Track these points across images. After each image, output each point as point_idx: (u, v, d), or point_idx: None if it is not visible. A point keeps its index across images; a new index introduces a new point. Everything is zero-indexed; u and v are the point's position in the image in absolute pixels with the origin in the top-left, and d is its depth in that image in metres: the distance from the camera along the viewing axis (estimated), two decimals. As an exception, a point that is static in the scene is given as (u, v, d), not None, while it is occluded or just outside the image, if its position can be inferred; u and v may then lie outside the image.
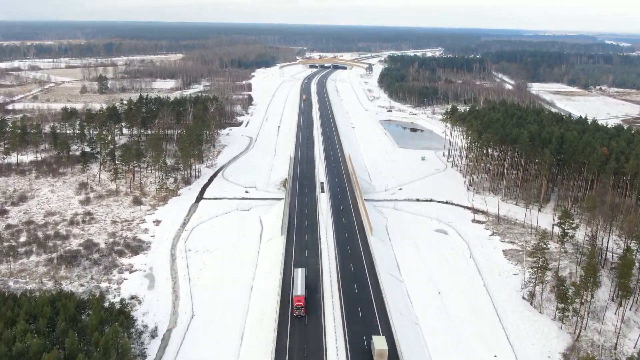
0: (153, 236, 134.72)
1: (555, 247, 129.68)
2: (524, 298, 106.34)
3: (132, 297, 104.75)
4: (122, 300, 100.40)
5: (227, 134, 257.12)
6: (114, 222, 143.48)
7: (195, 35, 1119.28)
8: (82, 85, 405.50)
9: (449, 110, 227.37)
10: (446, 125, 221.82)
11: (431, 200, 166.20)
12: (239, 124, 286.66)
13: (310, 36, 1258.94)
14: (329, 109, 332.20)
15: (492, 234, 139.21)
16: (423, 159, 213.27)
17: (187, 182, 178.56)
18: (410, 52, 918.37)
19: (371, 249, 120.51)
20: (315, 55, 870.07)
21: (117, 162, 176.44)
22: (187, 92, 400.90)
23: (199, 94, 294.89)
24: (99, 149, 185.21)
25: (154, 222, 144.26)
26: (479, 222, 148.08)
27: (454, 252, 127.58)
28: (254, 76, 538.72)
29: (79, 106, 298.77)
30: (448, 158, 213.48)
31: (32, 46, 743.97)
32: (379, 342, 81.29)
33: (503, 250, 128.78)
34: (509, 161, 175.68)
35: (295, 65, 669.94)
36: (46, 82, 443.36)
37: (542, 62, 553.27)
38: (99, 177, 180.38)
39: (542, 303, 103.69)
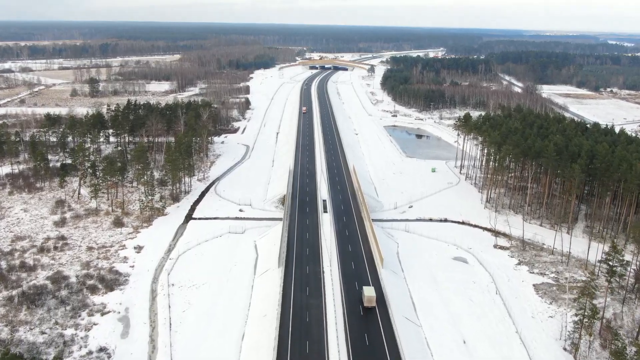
0: (132, 266, 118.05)
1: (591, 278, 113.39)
2: (565, 349, 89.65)
3: (101, 349, 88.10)
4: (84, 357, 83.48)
5: (222, 142, 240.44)
6: (89, 248, 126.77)
7: (193, 35, 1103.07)
8: (72, 88, 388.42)
9: (461, 117, 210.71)
10: (458, 134, 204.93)
11: (445, 220, 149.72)
12: (235, 130, 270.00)
13: (310, 36, 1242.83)
14: (331, 113, 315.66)
15: (519, 263, 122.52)
16: (433, 170, 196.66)
17: (176, 198, 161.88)
18: (412, 53, 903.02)
19: (383, 285, 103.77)
20: (316, 56, 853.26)
21: (98, 176, 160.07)
22: (182, 95, 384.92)
23: (192, 99, 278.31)
24: (79, 161, 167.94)
25: (135, 248, 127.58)
26: (501, 247, 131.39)
27: (478, 287, 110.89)
28: (252, 78, 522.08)
29: (67, 111, 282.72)
30: (461, 170, 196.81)
31: (26, 47, 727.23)
32: (369, 290, 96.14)
33: (533, 285, 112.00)
34: (531, 175, 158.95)
35: (294, 67, 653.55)
36: (36, 84, 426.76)
37: (549, 63, 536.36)
38: (79, 193, 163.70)
39: (588, 356, 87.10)
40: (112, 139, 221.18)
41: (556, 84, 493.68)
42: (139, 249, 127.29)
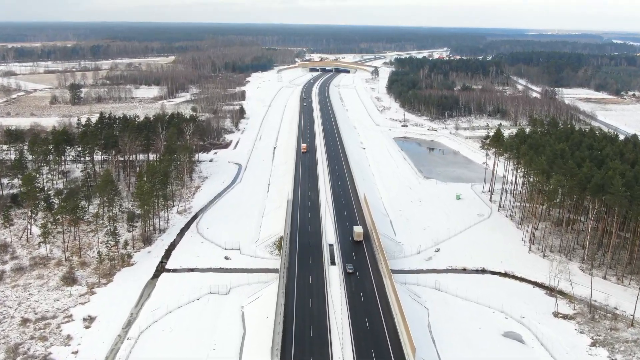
0: (76, 352, 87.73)
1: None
2: None
3: None
4: None
5: (211, 160, 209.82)
6: (24, 321, 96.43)
7: (189, 36, 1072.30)
8: (52, 95, 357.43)
9: (488, 132, 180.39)
10: (487, 154, 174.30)
11: (483, 271, 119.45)
12: (227, 144, 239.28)
13: (310, 37, 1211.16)
14: (334, 122, 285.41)
15: (593, 344, 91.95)
16: (458, 197, 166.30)
17: (147, 240, 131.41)
18: (416, 53, 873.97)
19: (418, 393, 73.56)
20: (316, 57, 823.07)
21: (54, 210, 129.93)
22: (172, 102, 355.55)
23: (177, 111, 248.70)
24: (28, 195, 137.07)
25: (84, 319, 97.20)
26: (564, 316, 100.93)
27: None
28: (248, 82, 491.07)
29: (41, 122, 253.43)
30: (491, 196, 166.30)
31: (12, 49, 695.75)
32: (358, 228, 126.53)
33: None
34: (594, 215, 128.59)
35: (294, 69, 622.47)
36: (15, 90, 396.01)
37: (564, 65, 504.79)
38: (29, 234, 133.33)
39: None
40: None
41: (572, 87, 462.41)
42: (89, 321, 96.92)
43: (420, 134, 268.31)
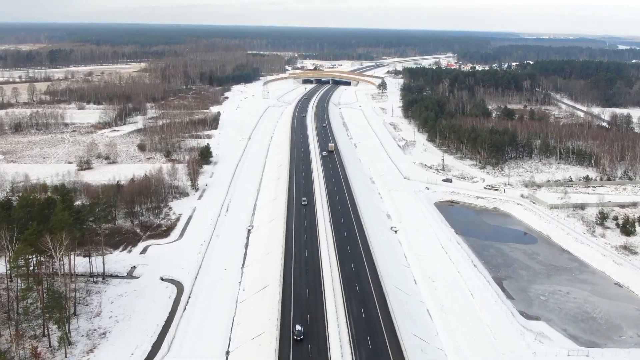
0: None
1: None
2: None
3: None
4: None
5: (131, 271, 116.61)
6: None
7: (171, 39, 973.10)
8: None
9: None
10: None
11: None
12: (170, 227, 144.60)
13: (302, 40, 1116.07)
14: (342, 173, 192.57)
15: None
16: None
17: None
18: (420, 59, 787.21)
19: None
20: (309, 64, 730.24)
21: None
22: (118, 132, 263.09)
23: (74, 186, 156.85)
24: None
25: None
26: None
27: None
28: (227, 98, 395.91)
29: None
30: None
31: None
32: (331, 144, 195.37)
33: None
34: None
35: (284, 80, 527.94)
36: None
37: (614, 78, 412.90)
38: None
39: None
40: None
41: (626, 107, 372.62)
42: None
43: (474, 196, 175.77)
